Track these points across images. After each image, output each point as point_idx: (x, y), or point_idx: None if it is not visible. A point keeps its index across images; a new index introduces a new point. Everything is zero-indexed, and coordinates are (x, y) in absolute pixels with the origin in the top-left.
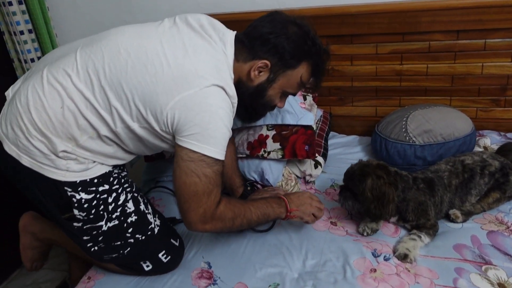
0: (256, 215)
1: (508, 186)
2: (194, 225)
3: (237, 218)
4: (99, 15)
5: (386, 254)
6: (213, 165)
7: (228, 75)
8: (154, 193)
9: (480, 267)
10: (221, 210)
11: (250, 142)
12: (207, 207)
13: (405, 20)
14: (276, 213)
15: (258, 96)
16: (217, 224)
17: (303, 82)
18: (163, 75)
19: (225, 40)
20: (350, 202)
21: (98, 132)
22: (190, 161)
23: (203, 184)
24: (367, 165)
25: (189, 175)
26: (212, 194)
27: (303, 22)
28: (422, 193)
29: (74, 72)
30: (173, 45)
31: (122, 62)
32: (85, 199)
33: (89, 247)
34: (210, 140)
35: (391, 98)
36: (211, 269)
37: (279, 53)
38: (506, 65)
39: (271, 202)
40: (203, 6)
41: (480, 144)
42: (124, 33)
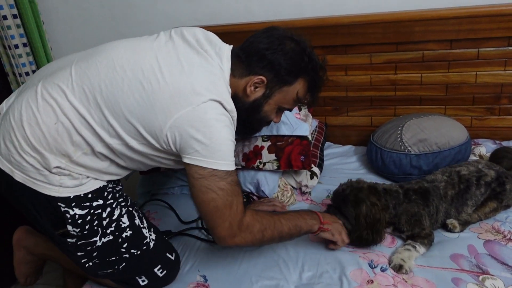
0: (288, 226)
1: (505, 195)
2: (224, 240)
3: (267, 229)
4: (94, 28)
5: (383, 265)
6: (226, 177)
7: (226, 90)
8: (150, 206)
9: (478, 277)
10: (248, 221)
11: (246, 153)
12: (232, 219)
13: (399, 30)
14: (309, 225)
15: (254, 111)
16: (246, 236)
17: (300, 98)
18: (160, 93)
19: (221, 55)
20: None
21: (93, 148)
22: (202, 178)
23: (221, 198)
24: (360, 188)
25: (205, 193)
26: (233, 205)
27: (301, 38)
28: (414, 205)
29: (69, 88)
30: (169, 62)
31: (118, 79)
32: (79, 215)
33: (83, 262)
34: (215, 154)
35: (386, 108)
36: (207, 282)
37: (275, 69)
38: (499, 74)
39: (303, 214)
40: (200, 18)
41: (476, 153)
42: (119, 48)
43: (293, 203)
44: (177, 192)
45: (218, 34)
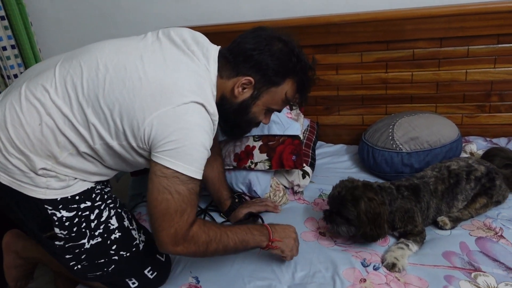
0: (234, 241)
1: (495, 191)
2: (165, 246)
3: (212, 242)
4: (83, 29)
5: (375, 263)
6: (188, 183)
7: (210, 92)
8: (141, 208)
9: (470, 274)
10: (194, 232)
11: (237, 153)
12: (179, 227)
13: (389, 28)
14: (256, 241)
15: (242, 112)
16: (189, 247)
17: (288, 99)
18: (141, 91)
19: (208, 56)
20: (344, 227)
21: (77, 148)
22: (163, 176)
23: (175, 202)
24: (355, 187)
25: (161, 192)
26: (185, 213)
27: (289, 38)
28: (407, 201)
29: (52, 88)
30: (154, 61)
31: (100, 77)
32: (66, 217)
33: (72, 265)
34: (185, 157)
35: (377, 106)
36: (199, 284)
37: (263, 70)
38: (489, 71)
39: (252, 229)
40: (189, 18)
41: (467, 150)
42: (104, 48)
43: (286, 203)
44: None
45: (208, 34)
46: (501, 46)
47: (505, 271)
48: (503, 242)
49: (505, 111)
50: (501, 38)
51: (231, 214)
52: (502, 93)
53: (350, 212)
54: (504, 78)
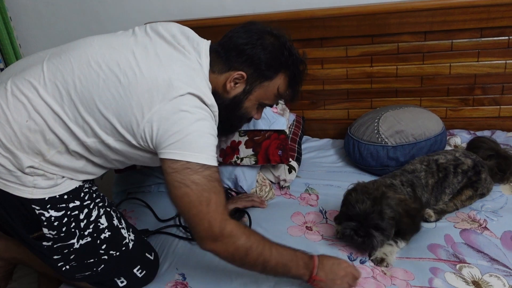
0: (276, 261)
1: (480, 184)
2: (204, 242)
3: (252, 251)
4: (64, 24)
5: (362, 257)
6: (201, 171)
7: (205, 85)
8: (126, 205)
9: (455, 265)
10: (232, 228)
11: (223, 149)
12: (211, 217)
13: (374, 22)
14: (299, 272)
15: (235, 108)
16: (228, 246)
17: (280, 93)
18: (137, 87)
19: (199, 50)
20: (380, 239)
21: (67, 146)
22: (175, 172)
23: (195, 193)
24: (383, 195)
25: (177, 187)
26: (211, 203)
27: (280, 33)
28: (409, 197)
29: (41, 85)
30: (146, 56)
31: (94, 75)
32: (55, 217)
33: (60, 266)
34: (191, 145)
35: (362, 100)
36: (185, 280)
37: (255, 64)
38: (473, 65)
39: (299, 258)
40: (173, 13)
41: (451, 143)
42: (93, 44)
43: (272, 198)
44: (154, 190)
45: (192, 28)
46: (484, 39)
47: (489, 262)
48: (487, 233)
49: (488, 104)
50: (484, 31)
51: None
52: (485, 87)
53: (389, 225)
54: (487, 72)
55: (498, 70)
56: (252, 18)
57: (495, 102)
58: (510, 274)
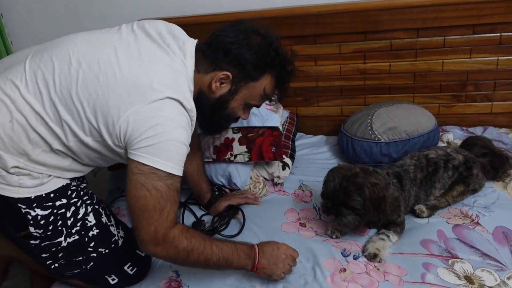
0: (217, 257)
1: (472, 179)
2: (145, 245)
3: (193, 251)
4: (56, 21)
5: (355, 253)
6: (166, 179)
7: (187, 88)
8: (119, 203)
9: (447, 261)
10: (175, 234)
11: (216, 146)
12: (159, 224)
13: (367, 19)
14: (241, 263)
15: (220, 108)
16: (169, 250)
17: (267, 94)
18: (116, 87)
19: (185, 50)
20: (351, 217)
21: (50, 146)
22: (140, 173)
23: (153, 198)
24: (355, 174)
25: (138, 188)
26: (164, 210)
27: (267, 32)
28: (396, 188)
29: (22, 84)
30: (129, 55)
31: (73, 73)
32: (41, 216)
33: (49, 264)
34: (162, 153)
35: (356, 97)
36: (179, 277)
37: (241, 64)
38: (465, 61)
39: (239, 250)
40: (166, 10)
41: (444, 139)
42: (76, 41)
43: (266, 195)
44: None
45: (185, 25)
46: (476, 36)
47: (481, 257)
48: (479, 229)
49: (480, 101)
50: (476, 28)
51: (211, 207)
52: (477, 83)
53: (356, 202)
54: (480, 68)
55: (490, 67)
56: (246, 15)
57: (487, 99)
58: (502, 269)
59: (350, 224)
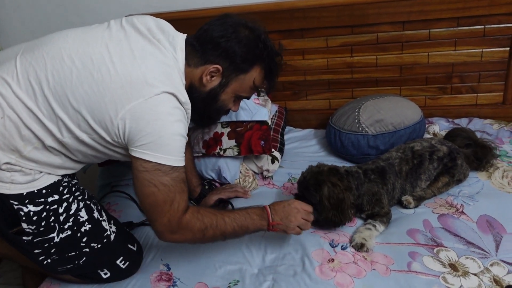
0: (232, 226)
1: (456, 170)
2: (163, 235)
3: (208, 229)
4: (44, 17)
5: (343, 243)
6: (171, 173)
7: (180, 81)
8: (110, 198)
9: (432, 249)
10: (188, 219)
11: (206, 140)
12: (171, 215)
13: (353, 12)
14: (257, 225)
15: (211, 101)
16: (186, 234)
17: (256, 86)
18: (111, 83)
19: (175, 44)
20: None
21: (43, 142)
22: (145, 171)
23: (161, 193)
24: (320, 172)
25: (146, 186)
26: (174, 202)
27: (255, 25)
28: (374, 184)
29: (14, 81)
30: (121, 51)
31: (66, 70)
32: (34, 212)
33: (41, 260)
34: (164, 148)
35: (343, 90)
36: (170, 271)
37: (230, 58)
38: (450, 54)
39: (251, 213)
40: (154, 5)
41: (430, 131)
42: (67, 38)
43: (255, 188)
44: None
45: (173, 20)
46: (461, 28)
47: (465, 245)
48: (464, 218)
49: (465, 92)
50: (460, 21)
51: (201, 201)
52: (462, 75)
53: (313, 196)
54: (464, 60)
55: (474, 59)
56: (234, 9)
57: (472, 90)
58: (485, 256)
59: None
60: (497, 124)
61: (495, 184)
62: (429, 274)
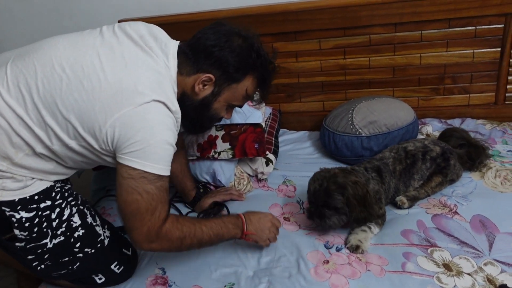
0: (208, 235)
1: (449, 170)
2: (140, 244)
3: (186, 238)
4: (37, 21)
5: (338, 245)
6: (156, 181)
7: (171, 90)
8: (105, 203)
9: (426, 249)
10: (167, 229)
11: (200, 143)
12: (151, 225)
13: (346, 15)
14: (231, 234)
15: (204, 109)
16: (163, 244)
17: (249, 95)
18: (101, 92)
19: (167, 52)
20: (335, 218)
21: (33, 149)
22: (130, 178)
23: (145, 202)
24: (333, 175)
25: (130, 193)
26: (156, 211)
27: (248, 34)
28: (376, 182)
29: (4, 88)
30: (112, 59)
31: (57, 78)
32: (26, 218)
33: (35, 266)
34: (151, 156)
35: (337, 92)
36: (165, 274)
37: (223, 67)
38: (442, 55)
39: (227, 222)
40: (147, 9)
41: (423, 132)
42: (58, 45)
43: (250, 191)
44: None
45: (166, 24)
46: (452, 30)
47: (459, 245)
48: (457, 218)
49: (458, 93)
50: (452, 22)
51: (196, 204)
52: (454, 76)
53: (338, 201)
54: (456, 61)
55: (466, 60)
56: (226, 13)
57: (465, 91)
58: (479, 255)
59: (334, 225)
60: (489, 124)
61: (488, 184)
62: (423, 274)
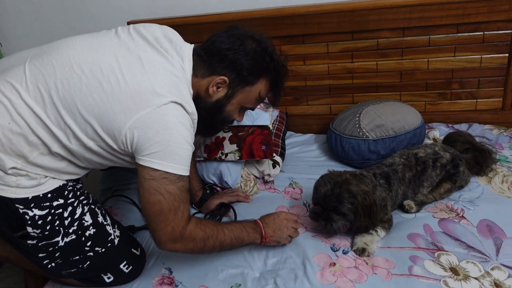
0: (230, 238)
1: (458, 176)
2: (164, 244)
3: (209, 239)
4: (46, 23)
5: (344, 248)
6: (177, 182)
7: (187, 91)
8: (112, 202)
9: (433, 253)
10: (191, 229)
11: (207, 145)
12: (175, 224)
13: (354, 19)
14: (251, 238)
15: (217, 111)
16: (187, 244)
17: (262, 98)
18: (120, 93)
19: (182, 54)
20: (341, 223)
21: (49, 148)
22: (152, 179)
23: (167, 202)
24: (345, 181)
25: (152, 194)
26: (178, 211)
27: (262, 37)
28: (383, 189)
29: (23, 87)
30: (129, 61)
31: (76, 79)
32: (39, 216)
33: (45, 264)
34: (171, 156)
35: (344, 96)
36: (172, 274)
37: (237, 70)
38: (450, 60)
39: (246, 227)
40: (155, 11)
41: (430, 136)
42: (76, 46)
43: (256, 192)
44: None
45: (174, 26)
46: (460, 35)
47: (466, 250)
48: (464, 222)
49: (465, 98)
50: (460, 27)
51: (202, 205)
52: (462, 81)
53: (347, 208)
54: (464, 66)
55: (474, 65)
56: (235, 16)
57: (472, 96)
58: (486, 260)
59: (339, 230)
60: (496, 130)
61: (495, 189)
62: (430, 278)
